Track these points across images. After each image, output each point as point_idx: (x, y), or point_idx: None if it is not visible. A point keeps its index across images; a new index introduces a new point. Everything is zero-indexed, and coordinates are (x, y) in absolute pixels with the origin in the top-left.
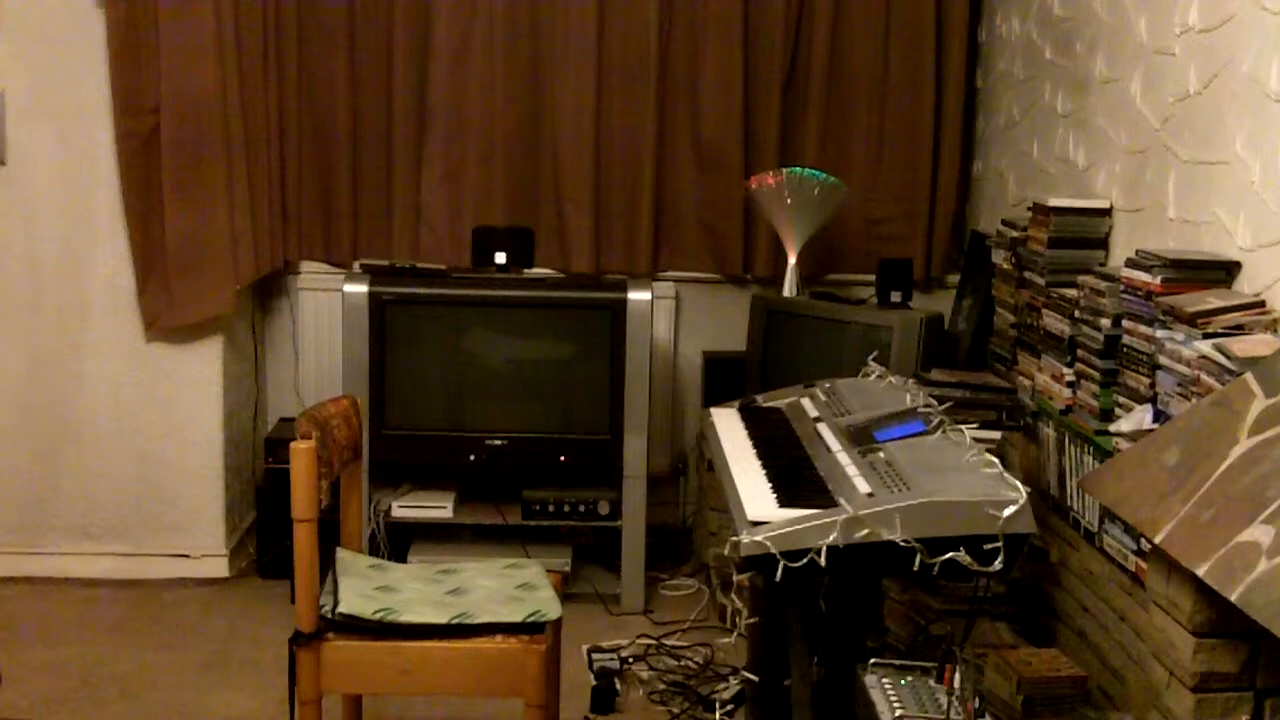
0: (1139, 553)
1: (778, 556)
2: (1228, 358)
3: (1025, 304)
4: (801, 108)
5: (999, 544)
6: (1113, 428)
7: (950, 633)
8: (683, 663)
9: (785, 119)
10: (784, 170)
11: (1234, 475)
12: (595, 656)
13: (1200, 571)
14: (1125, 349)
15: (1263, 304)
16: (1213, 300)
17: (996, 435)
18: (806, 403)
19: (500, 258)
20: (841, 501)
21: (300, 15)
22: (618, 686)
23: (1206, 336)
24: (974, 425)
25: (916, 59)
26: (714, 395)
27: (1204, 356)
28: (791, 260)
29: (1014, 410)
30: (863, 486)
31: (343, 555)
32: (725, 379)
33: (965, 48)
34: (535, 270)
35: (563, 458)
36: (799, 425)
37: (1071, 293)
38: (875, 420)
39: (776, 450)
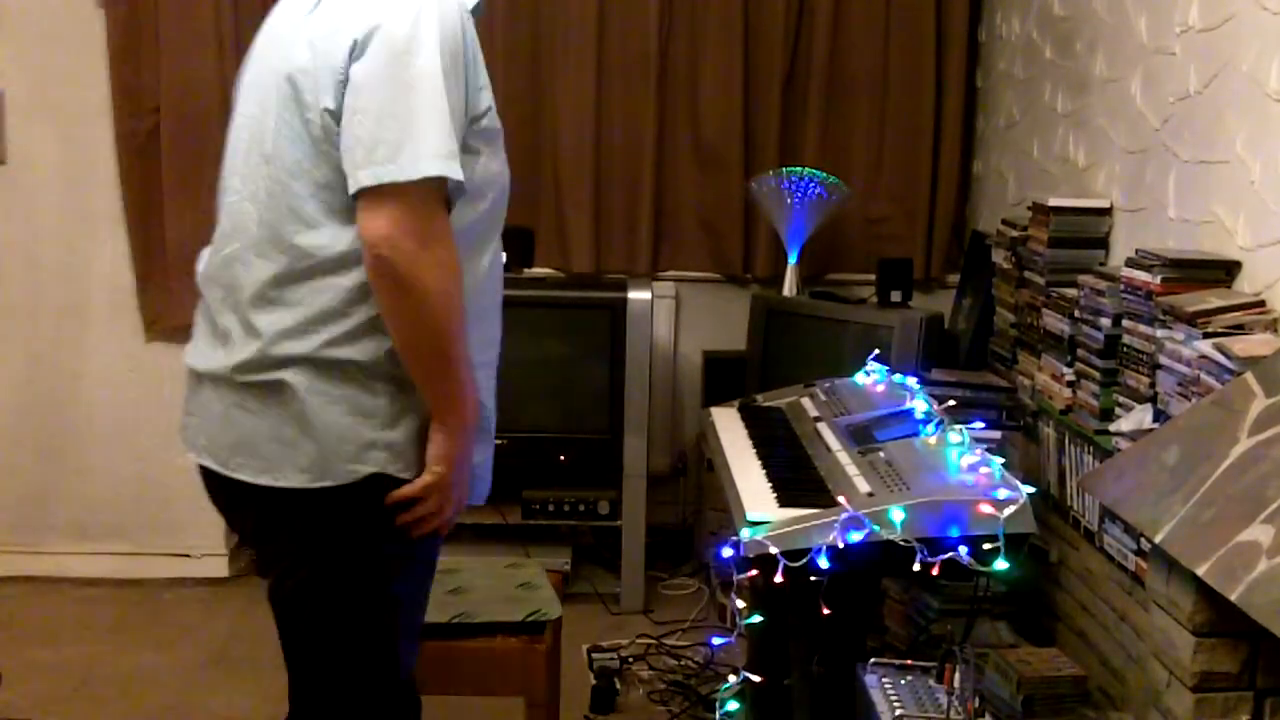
0: (1139, 552)
1: (778, 556)
2: (1228, 357)
3: (1025, 304)
4: (801, 108)
5: (999, 544)
6: (1113, 427)
7: (950, 633)
8: (683, 662)
9: (785, 119)
10: (784, 170)
11: (1234, 475)
12: (595, 656)
13: (1200, 571)
14: (1125, 349)
15: (1263, 304)
16: (1213, 300)
17: (996, 435)
18: (806, 402)
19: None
20: (841, 501)
21: None
22: (618, 686)
23: (1206, 336)
24: (974, 425)
25: (916, 59)
26: (714, 395)
27: (1204, 356)
28: (791, 260)
29: (1014, 410)
30: (863, 486)
31: None
32: (725, 379)
33: (965, 48)
34: (535, 270)
35: (563, 457)
36: (799, 425)
37: (1071, 292)
38: (875, 420)
39: (776, 450)
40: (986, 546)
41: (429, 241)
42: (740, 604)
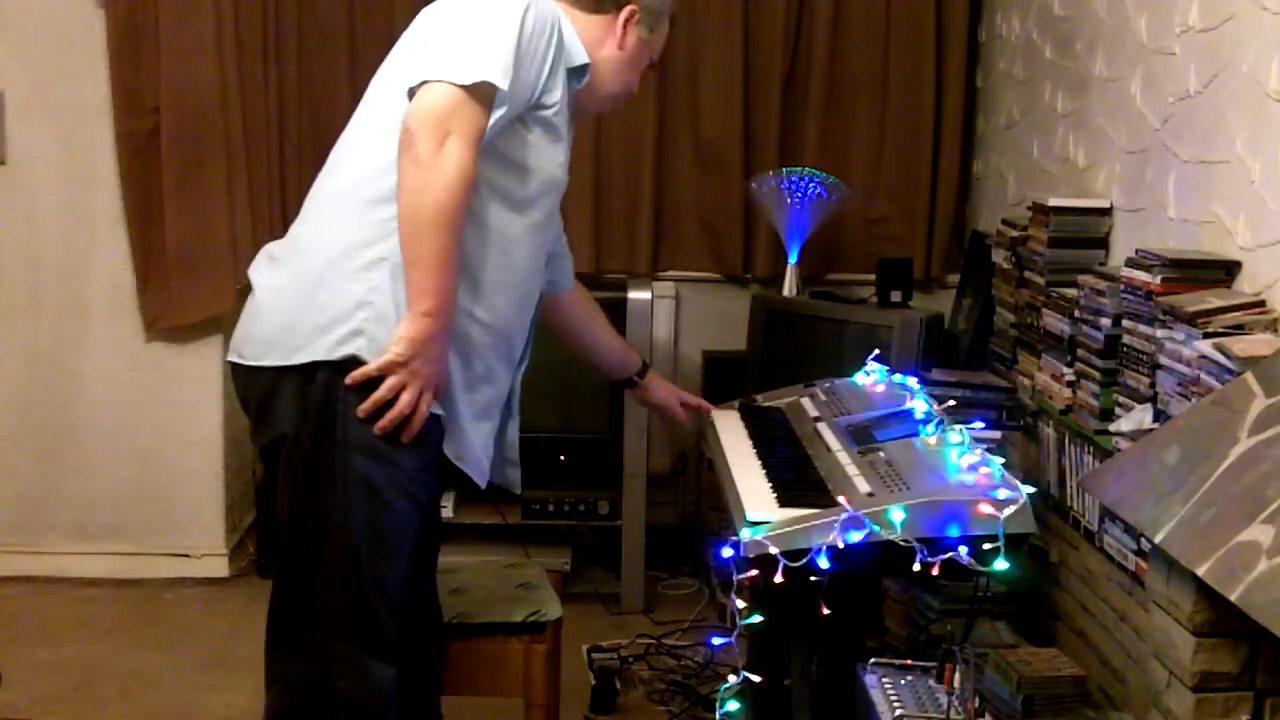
0: (1139, 552)
1: (778, 556)
2: (1228, 357)
3: (1025, 304)
4: (801, 108)
5: (999, 544)
6: (1113, 427)
7: (950, 633)
8: (683, 662)
9: (785, 119)
10: (784, 170)
11: (1234, 475)
12: (595, 656)
13: (1200, 571)
14: (1125, 349)
15: (1263, 304)
16: (1213, 300)
17: (996, 435)
18: (806, 402)
19: None
20: (841, 501)
21: (300, 15)
22: (618, 686)
23: (1206, 336)
24: (974, 425)
25: (916, 59)
26: (714, 395)
27: (1204, 356)
28: (792, 260)
29: (1014, 410)
30: (863, 486)
31: None
32: (725, 379)
33: (965, 48)
34: None
35: (563, 457)
36: (799, 425)
37: (1071, 292)
38: (875, 420)
39: (776, 450)
40: (986, 546)
41: (451, 134)
42: (740, 604)
